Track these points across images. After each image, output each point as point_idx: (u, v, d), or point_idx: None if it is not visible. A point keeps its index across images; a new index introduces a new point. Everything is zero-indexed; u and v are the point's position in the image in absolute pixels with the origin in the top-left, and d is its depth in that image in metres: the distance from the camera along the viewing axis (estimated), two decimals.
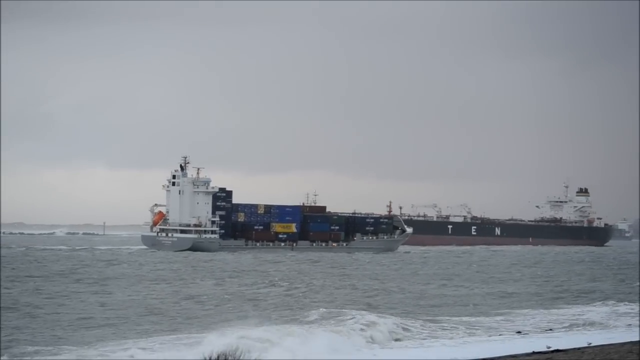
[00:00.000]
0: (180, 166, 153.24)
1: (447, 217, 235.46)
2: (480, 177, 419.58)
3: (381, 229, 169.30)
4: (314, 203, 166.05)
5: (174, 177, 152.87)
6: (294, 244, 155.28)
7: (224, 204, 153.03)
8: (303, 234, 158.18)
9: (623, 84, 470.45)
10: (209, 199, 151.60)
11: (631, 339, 39.40)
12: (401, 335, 43.10)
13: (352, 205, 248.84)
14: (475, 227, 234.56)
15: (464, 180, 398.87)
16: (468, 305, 59.28)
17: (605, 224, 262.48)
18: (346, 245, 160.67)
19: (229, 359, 25.95)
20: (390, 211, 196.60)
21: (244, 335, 37.37)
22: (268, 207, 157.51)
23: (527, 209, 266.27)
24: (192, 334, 40.58)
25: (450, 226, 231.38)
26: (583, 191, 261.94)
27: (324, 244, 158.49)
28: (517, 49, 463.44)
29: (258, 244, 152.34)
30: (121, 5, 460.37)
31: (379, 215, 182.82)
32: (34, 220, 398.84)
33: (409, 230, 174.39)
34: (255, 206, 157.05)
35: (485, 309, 56.68)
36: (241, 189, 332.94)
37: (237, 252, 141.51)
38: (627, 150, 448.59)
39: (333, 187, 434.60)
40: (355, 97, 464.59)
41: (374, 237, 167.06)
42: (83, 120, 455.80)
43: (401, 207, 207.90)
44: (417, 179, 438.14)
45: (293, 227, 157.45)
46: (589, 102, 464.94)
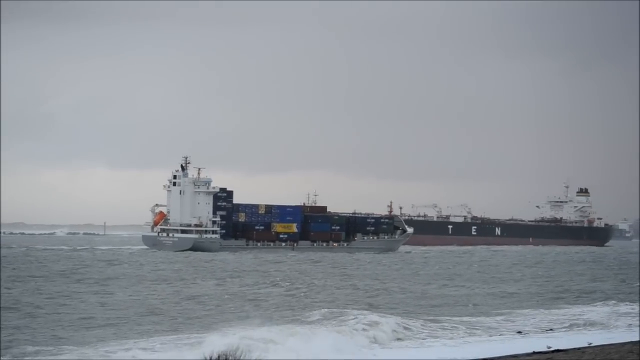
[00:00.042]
0: (181, 166, 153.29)
1: (447, 217, 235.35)
2: (481, 177, 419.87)
3: (382, 229, 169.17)
4: (314, 203, 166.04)
5: (174, 177, 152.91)
6: (295, 244, 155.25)
7: (224, 204, 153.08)
8: (304, 234, 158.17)
9: (623, 84, 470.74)
10: (210, 199, 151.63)
11: (631, 339, 39.42)
12: (403, 335, 43.10)
13: (352, 205, 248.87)
14: (475, 227, 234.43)
15: (464, 180, 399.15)
16: (469, 305, 59.29)
17: (606, 224, 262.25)
18: (347, 245, 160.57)
19: (229, 359, 25.94)
20: (391, 211, 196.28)
21: (246, 335, 37.38)
22: (269, 207, 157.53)
23: (528, 209, 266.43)
24: (193, 334, 40.57)
25: (450, 226, 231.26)
26: (583, 191, 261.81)
27: (324, 244, 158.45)
28: (517, 49, 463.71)
29: (259, 244, 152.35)
30: (121, 5, 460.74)
31: (379, 216, 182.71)
32: (34, 220, 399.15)
33: (409, 230, 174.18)
34: (256, 206, 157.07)
35: (485, 309, 56.68)
36: (241, 189, 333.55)
37: (238, 252, 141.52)
38: (627, 150, 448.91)
39: (333, 187, 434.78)
40: (356, 97, 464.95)
41: (375, 237, 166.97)
42: (83, 120, 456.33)
43: (401, 207, 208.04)
44: (417, 179, 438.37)
45: (294, 227, 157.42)
46: (589, 102, 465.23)
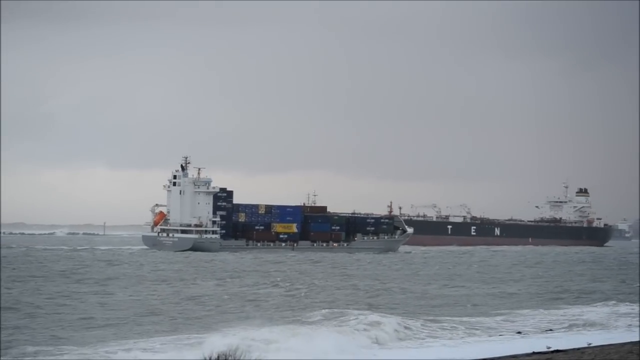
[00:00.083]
0: (181, 166, 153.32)
1: (447, 217, 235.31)
2: (480, 177, 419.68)
3: (382, 229, 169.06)
4: (314, 203, 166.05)
5: (174, 177, 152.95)
6: (295, 244, 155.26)
7: (224, 204, 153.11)
8: (304, 234, 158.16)
9: (623, 84, 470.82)
10: (210, 199, 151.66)
11: (631, 339, 39.45)
12: (404, 334, 43.10)
13: (352, 205, 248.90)
14: (474, 227, 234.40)
15: (464, 180, 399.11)
16: (468, 305, 59.31)
17: (605, 224, 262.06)
18: (347, 245, 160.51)
19: (229, 359, 25.97)
20: (391, 211, 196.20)
21: (247, 336, 37.39)
22: (269, 207, 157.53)
23: (527, 209, 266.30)
24: (193, 334, 40.57)
25: (449, 226, 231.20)
26: (583, 191, 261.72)
27: (324, 244, 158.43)
28: (517, 49, 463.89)
29: (259, 244, 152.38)
30: (121, 5, 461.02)
31: (379, 216, 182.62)
32: (34, 220, 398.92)
33: (409, 230, 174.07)
34: (256, 206, 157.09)
35: (485, 309, 56.70)
36: (241, 189, 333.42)
37: (238, 252, 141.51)
38: (627, 150, 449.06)
39: (333, 187, 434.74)
40: (356, 97, 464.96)
41: (375, 238, 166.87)
42: (83, 120, 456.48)
43: (400, 208, 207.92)
44: (417, 179, 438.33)
45: (294, 227, 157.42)
46: (589, 102, 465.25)
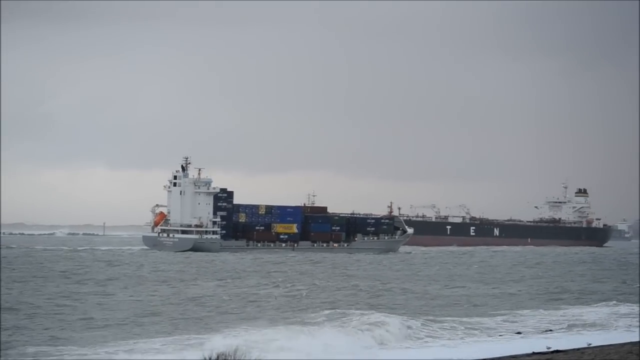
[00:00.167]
0: (182, 166, 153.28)
1: (446, 217, 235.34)
2: (480, 177, 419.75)
3: (382, 229, 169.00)
4: (312, 203, 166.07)
5: (175, 177, 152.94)
6: (295, 245, 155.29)
7: (225, 204, 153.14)
8: (304, 235, 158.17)
9: (623, 84, 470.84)
10: (210, 200, 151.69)
11: (631, 340, 39.49)
12: (406, 334, 43.12)
13: (352, 205, 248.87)
14: (474, 227, 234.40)
15: (464, 180, 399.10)
16: (469, 305, 59.33)
17: (604, 225, 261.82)
18: (347, 245, 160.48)
19: (228, 359, 25.99)
20: (391, 212, 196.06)
21: (249, 336, 37.41)
22: (269, 208, 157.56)
23: (526, 209, 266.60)
24: (194, 335, 40.58)
25: (449, 227, 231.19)
26: (582, 192, 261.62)
27: (325, 245, 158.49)
28: (517, 49, 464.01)
29: (259, 245, 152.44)
30: (121, 5, 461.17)
31: (379, 216, 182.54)
32: (34, 220, 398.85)
33: (410, 230, 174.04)
34: (257, 207, 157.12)
35: (485, 309, 56.71)
36: (241, 189, 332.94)
37: (238, 252, 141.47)
38: (627, 151, 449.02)
39: (333, 187, 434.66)
40: (356, 97, 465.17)
41: (375, 238, 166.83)
42: (83, 120, 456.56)
43: (400, 208, 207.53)
44: (417, 179, 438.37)
45: (294, 228, 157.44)
46: (589, 102, 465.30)
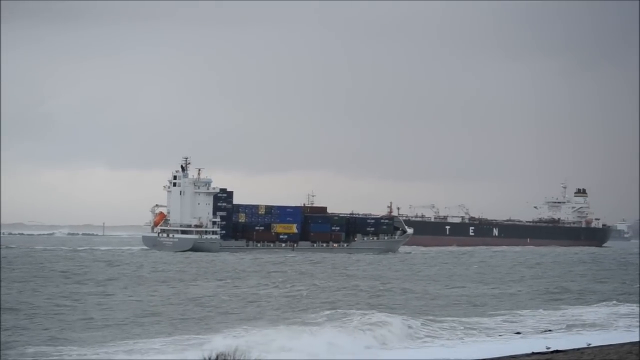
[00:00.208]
0: (181, 167, 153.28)
1: (445, 217, 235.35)
2: (480, 177, 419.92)
3: (382, 229, 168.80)
4: (312, 204, 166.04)
5: (175, 177, 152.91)
6: (295, 245, 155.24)
7: (224, 204, 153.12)
8: (304, 235, 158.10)
9: (623, 84, 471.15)
10: (210, 200, 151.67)
11: (631, 340, 39.51)
12: (407, 334, 43.14)
13: (352, 205, 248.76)
14: (473, 227, 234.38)
15: (464, 180, 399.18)
16: (468, 305, 59.34)
17: (604, 225, 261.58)
18: (347, 246, 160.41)
19: (228, 359, 26.01)
20: (391, 212, 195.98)
21: (251, 336, 37.41)
22: (269, 208, 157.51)
23: (526, 209, 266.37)
24: (194, 336, 40.59)
25: (448, 227, 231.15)
26: (581, 192, 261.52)
27: (324, 245, 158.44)
28: (517, 49, 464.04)
29: (259, 245, 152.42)
30: (121, 5, 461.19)
31: (379, 216, 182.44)
32: (33, 220, 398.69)
33: (409, 230, 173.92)
34: (256, 207, 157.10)
35: (485, 309, 56.74)
36: (241, 189, 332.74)
37: (238, 252, 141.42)
38: (626, 150, 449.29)
39: (333, 187, 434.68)
40: (356, 97, 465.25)
41: (375, 238, 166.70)
42: (83, 120, 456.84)
43: (399, 208, 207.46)
44: (417, 179, 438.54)
45: (294, 228, 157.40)
46: (589, 102, 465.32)
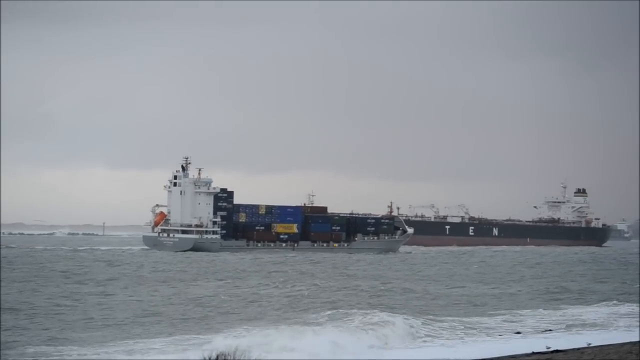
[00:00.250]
0: (182, 166, 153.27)
1: (445, 217, 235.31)
2: (480, 177, 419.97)
3: (382, 229, 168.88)
4: (312, 203, 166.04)
5: (175, 177, 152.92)
6: (295, 245, 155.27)
7: (225, 204, 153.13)
8: (304, 235, 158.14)
9: (623, 84, 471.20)
10: (211, 200, 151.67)
11: (631, 340, 39.51)
12: (409, 333, 43.12)
13: (352, 205, 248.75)
14: (472, 227, 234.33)
15: (464, 180, 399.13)
16: (468, 305, 59.35)
17: (604, 225, 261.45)
18: (347, 245, 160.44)
19: (228, 359, 26.02)
20: (391, 211, 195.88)
21: (252, 336, 37.42)
22: (269, 208, 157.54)
23: (525, 209, 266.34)
24: (195, 335, 40.61)
25: (447, 227, 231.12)
26: (581, 191, 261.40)
27: (325, 245, 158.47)
28: (517, 49, 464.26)
29: (259, 245, 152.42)
30: (121, 5, 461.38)
31: (379, 216, 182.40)
32: (33, 220, 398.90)
33: (410, 230, 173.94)
34: (257, 207, 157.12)
35: (485, 309, 56.75)
36: (241, 189, 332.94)
37: (238, 252, 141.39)
38: (626, 151, 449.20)
39: (333, 187, 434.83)
40: (356, 97, 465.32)
41: (375, 238, 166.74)
42: (83, 120, 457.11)
43: (399, 208, 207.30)
44: (416, 179, 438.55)
45: (294, 228, 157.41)
46: (589, 102, 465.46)
